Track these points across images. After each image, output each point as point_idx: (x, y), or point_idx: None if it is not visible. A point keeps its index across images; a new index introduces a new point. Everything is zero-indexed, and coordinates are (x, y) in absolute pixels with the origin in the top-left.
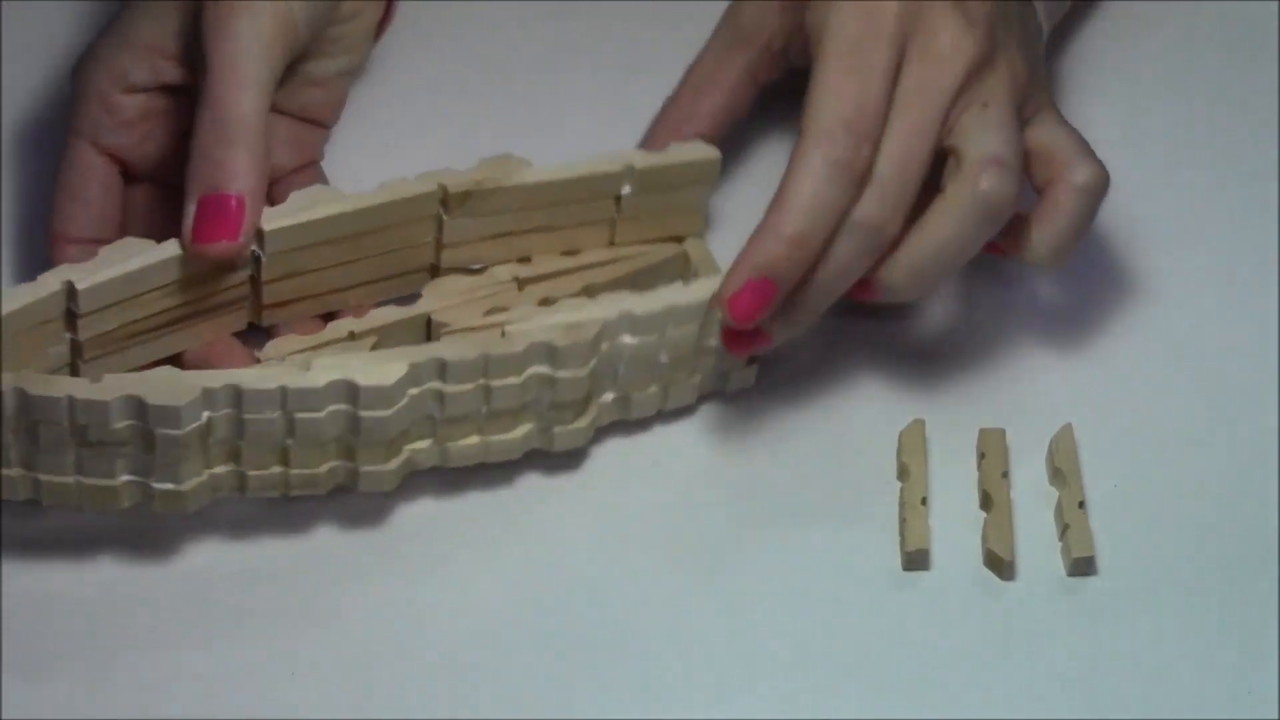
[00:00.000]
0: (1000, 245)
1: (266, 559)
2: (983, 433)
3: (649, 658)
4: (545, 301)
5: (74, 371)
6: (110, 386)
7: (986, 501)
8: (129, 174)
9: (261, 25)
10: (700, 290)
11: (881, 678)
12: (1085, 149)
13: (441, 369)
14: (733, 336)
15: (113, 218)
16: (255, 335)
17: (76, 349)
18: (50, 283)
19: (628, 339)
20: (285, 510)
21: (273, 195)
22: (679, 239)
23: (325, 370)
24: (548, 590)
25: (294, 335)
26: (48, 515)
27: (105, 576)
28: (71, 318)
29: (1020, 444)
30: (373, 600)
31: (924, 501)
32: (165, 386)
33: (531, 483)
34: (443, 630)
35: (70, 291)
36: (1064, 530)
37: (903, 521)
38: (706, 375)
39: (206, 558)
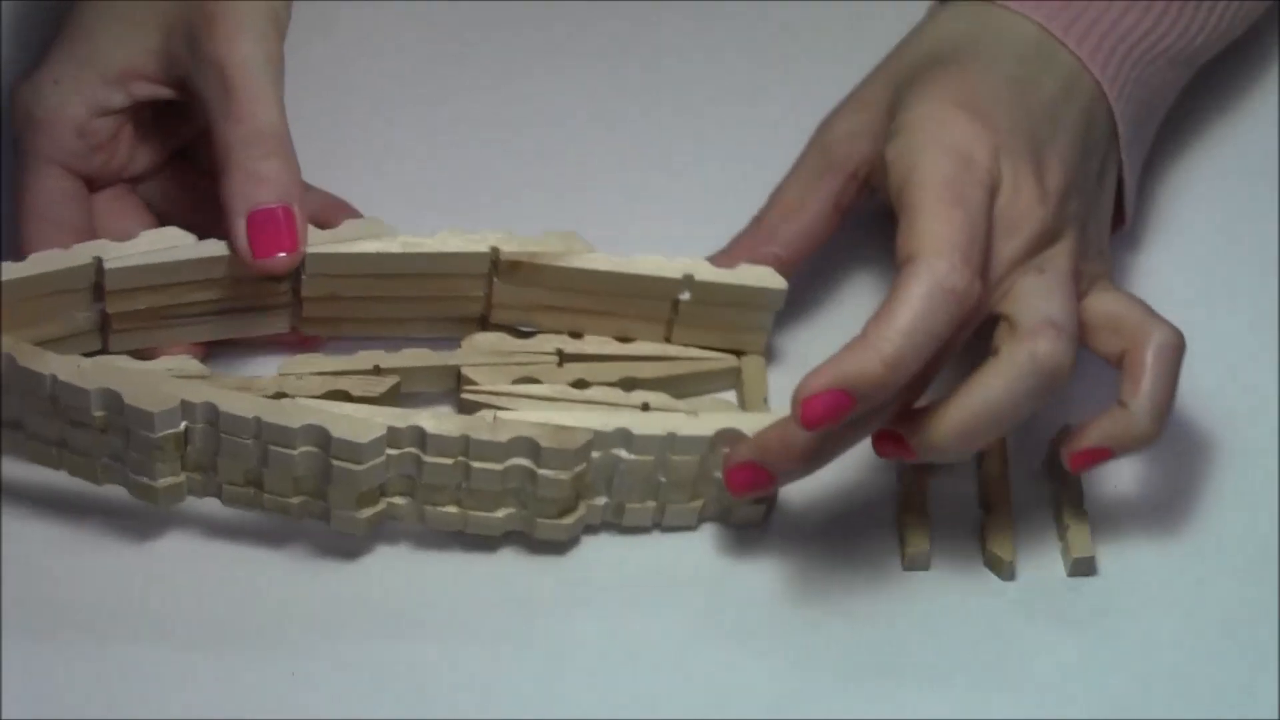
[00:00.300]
0: (1101, 448)
1: (234, 564)
2: None
3: (643, 661)
4: (580, 383)
5: (104, 339)
6: (93, 376)
7: (986, 501)
8: (92, 185)
9: (270, 37)
10: (707, 424)
11: (882, 678)
12: (1154, 313)
13: (421, 438)
14: (735, 473)
15: (90, 235)
16: None
17: (106, 320)
18: (83, 254)
19: (623, 453)
20: (266, 520)
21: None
22: (739, 353)
23: (303, 412)
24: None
25: (319, 355)
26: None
27: (88, 559)
28: (100, 290)
29: (1020, 444)
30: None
31: (924, 501)
32: (145, 390)
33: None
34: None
35: (99, 267)
36: (1064, 530)
37: (902, 522)
38: (710, 502)
39: (177, 550)
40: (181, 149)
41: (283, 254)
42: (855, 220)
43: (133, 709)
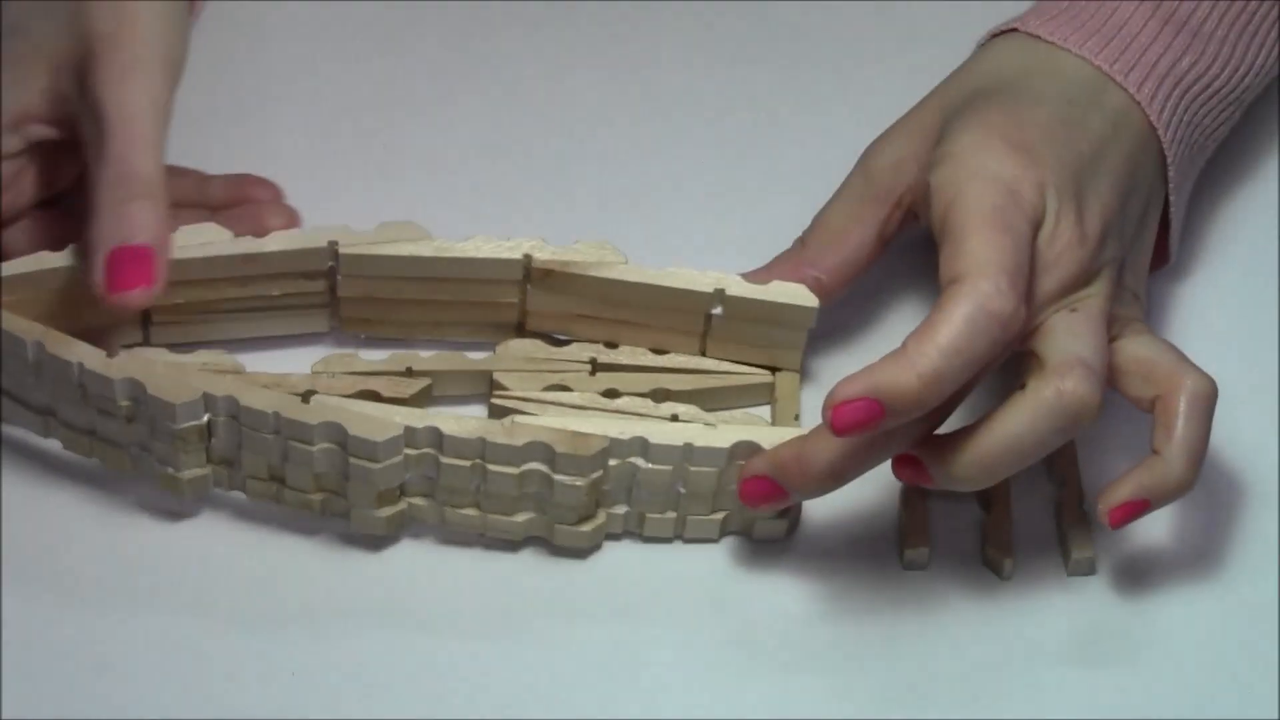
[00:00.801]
0: (1139, 500)
1: (260, 548)
2: None
3: (646, 663)
4: (610, 393)
5: (145, 332)
6: (118, 365)
7: (986, 501)
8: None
9: (155, 82)
10: (724, 436)
11: (882, 678)
12: (1186, 359)
13: (438, 439)
14: (748, 485)
15: None
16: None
17: (145, 313)
18: None
19: (640, 462)
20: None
21: None
22: (774, 369)
23: (322, 410)
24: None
25: (354, 355)
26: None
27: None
28: None
29: None
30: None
31: (923, 500)
32: (169, 381)
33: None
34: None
35: None
36: (1064, 530)
37: (903, 521)
38: (732, 515)
39: (205, 531)
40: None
41: (140, 289)
42: (895, 245)
43: (138, 682)
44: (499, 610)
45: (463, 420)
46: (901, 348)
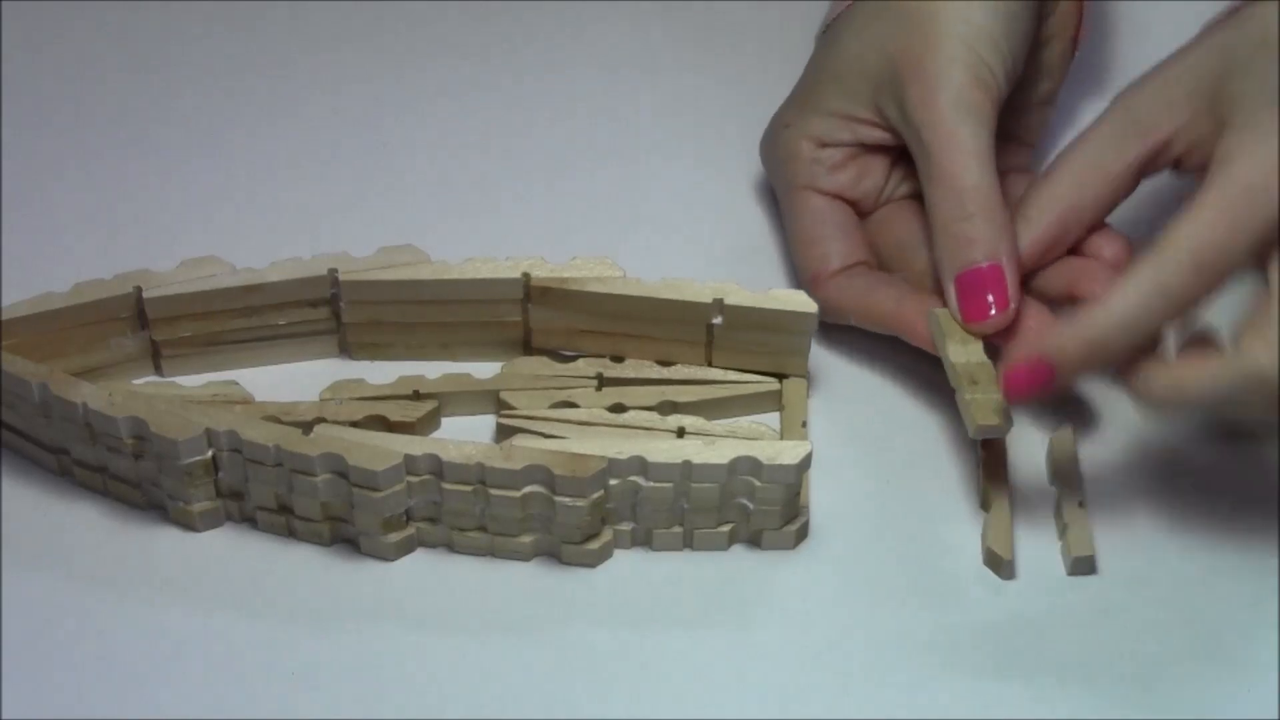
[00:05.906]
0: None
1: (273, 552)
2: None
3: (652, 667)
4: (616, 407)
5: (156, 365)
6: (120, 404)
7: (986, 501)
8: (860, 210)
9: (967, 91)
10: (723, 452)
11: (882, 677)
12: None
13: (438, 466)
14: (1015, 379)
15: (859, 242)
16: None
17: (155, 346)
18: (123, 283)
19: (641, 481)
20: None
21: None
22: (782, 376)
23: (322, 441)
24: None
25: (362, 381)
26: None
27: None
28: (144, 319)
29: (1020, 444)
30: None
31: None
32: (170, 417)
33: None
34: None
35: (139, 296)
36: (1064, 530)
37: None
38: (739, 527)
39: (225, 531)
40: None
41: (993, 313)
42: None
43: (139, 682)
44: (506, 612)
45: (462, 446)
46: (1076, 311)
